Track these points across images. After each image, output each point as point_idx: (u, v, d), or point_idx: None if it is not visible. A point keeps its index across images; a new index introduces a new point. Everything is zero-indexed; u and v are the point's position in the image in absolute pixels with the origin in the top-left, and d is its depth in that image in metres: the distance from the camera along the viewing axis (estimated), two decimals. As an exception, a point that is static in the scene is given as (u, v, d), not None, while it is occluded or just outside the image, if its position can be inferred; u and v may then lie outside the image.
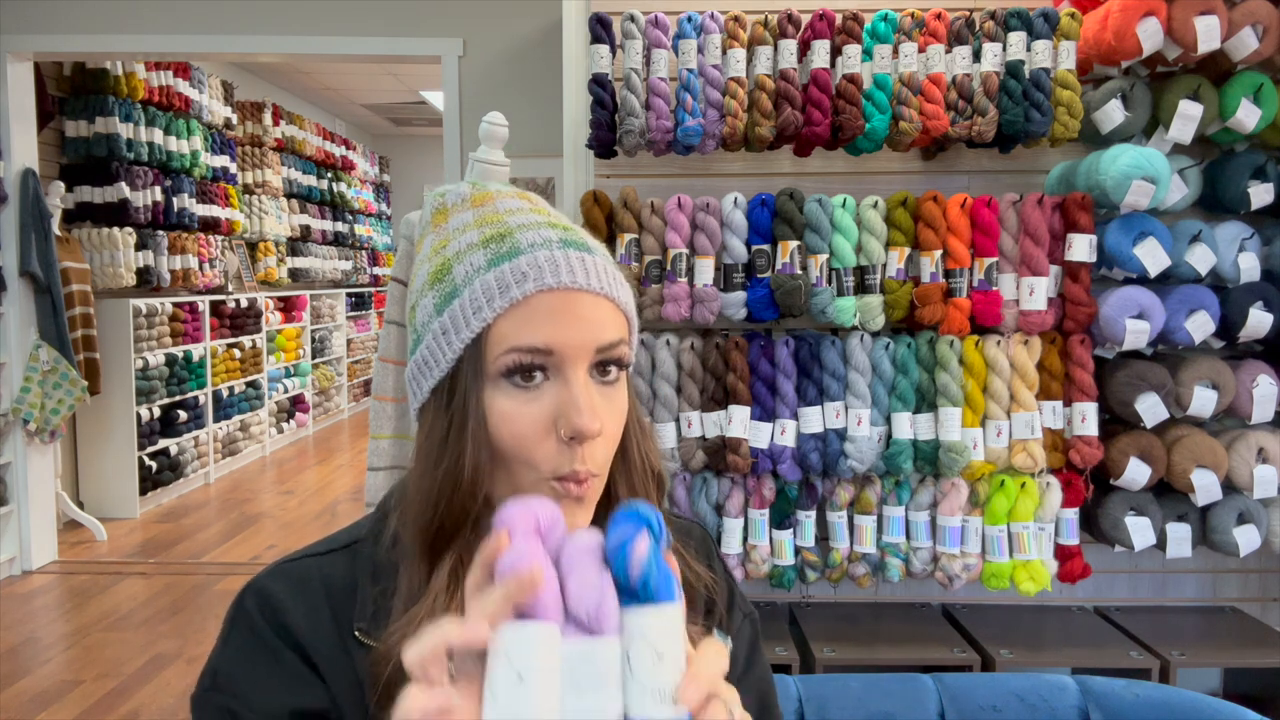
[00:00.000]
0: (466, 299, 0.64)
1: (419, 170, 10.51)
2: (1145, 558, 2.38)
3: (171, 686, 3.06)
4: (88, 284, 4.76)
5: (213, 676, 0.69)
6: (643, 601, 0.50)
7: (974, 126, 2.11)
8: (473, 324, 0.64)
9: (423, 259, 0.70)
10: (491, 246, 0.66)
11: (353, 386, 8.98)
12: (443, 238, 0.69)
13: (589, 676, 0.48)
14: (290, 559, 0.74)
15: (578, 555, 0.51)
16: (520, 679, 0.46)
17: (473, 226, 0.68)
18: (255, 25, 3.86)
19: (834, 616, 2.33)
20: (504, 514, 0.51)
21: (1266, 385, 2.16)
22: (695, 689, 0.48)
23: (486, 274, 0.64)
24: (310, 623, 0.69)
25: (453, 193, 0.72)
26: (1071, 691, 1.35)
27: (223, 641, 0.71)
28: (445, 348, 0.65)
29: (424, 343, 0.67)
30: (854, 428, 2.14)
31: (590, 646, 0.48)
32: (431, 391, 0.67)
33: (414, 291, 0.70)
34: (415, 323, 0.68)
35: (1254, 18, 2.09)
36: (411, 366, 0.68)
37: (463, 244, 0.67)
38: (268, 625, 0.68)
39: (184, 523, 5.10)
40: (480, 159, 2.15)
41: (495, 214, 0.69)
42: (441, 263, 0.67)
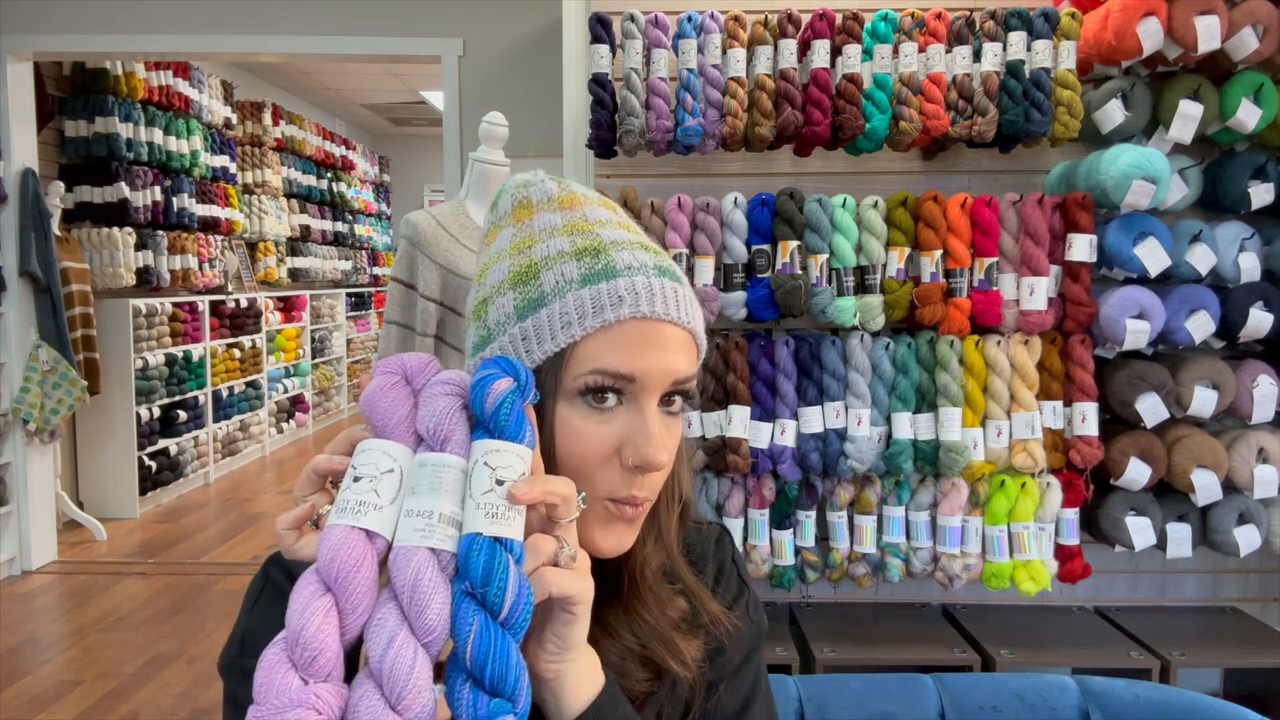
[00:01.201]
0: (556, 311, 0.63)
1: (419, 170, 10.51)
2: (1145, 558, 2.38)
3: (171, 686, 3.05)
4: (87, 284, 4.76)
5: (240, 642, 0.69)
6: (493, 435, 0.56)
7: (974, 126, 2.11)
8: (560, 338, 0.63)
9: (500, 253, 0.68)
10: (585, 260, 0.64)
11: (353, 386, 8.98)
12: (526, 236, 0.68)
13: (425, 481, 0.55)
14: None
15: (433, 387, 0.59)
16: (356, 479, 0.55)
17: (562, 232, 0.66)
18: (255, 25, 3.86)
19: (834, 616, 2.33)
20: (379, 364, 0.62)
21: (1266, 385, 2.16)
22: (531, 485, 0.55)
23: (580, 290, 0.63)
24: None
25: (537, 188, 0.70)
26: (1071, 691, 1.35)
27: (247, 609, 0.72)
28: (524, 354, 0.64)
29: (496, 342, 0.65)
30: (854, 428, 2.14)
31: (429, 458, 0.56)
32: None
33: (485, 285, 0.68)
34: (485, 319, 0.67)
35: (1254, 18, 2.09)
36: (475, 363, 0.67)
37: (552, 250, 0.65)
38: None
39: (184, 523, 5.10)
40: (480, 159, 2.15)
41: (585, 223, 0.67)
42: (527, 264, 0.66)
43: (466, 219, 2.10)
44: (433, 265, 2.00)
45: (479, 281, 0.69)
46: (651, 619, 0.71)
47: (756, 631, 0.82)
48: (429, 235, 2.02)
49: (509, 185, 0.72)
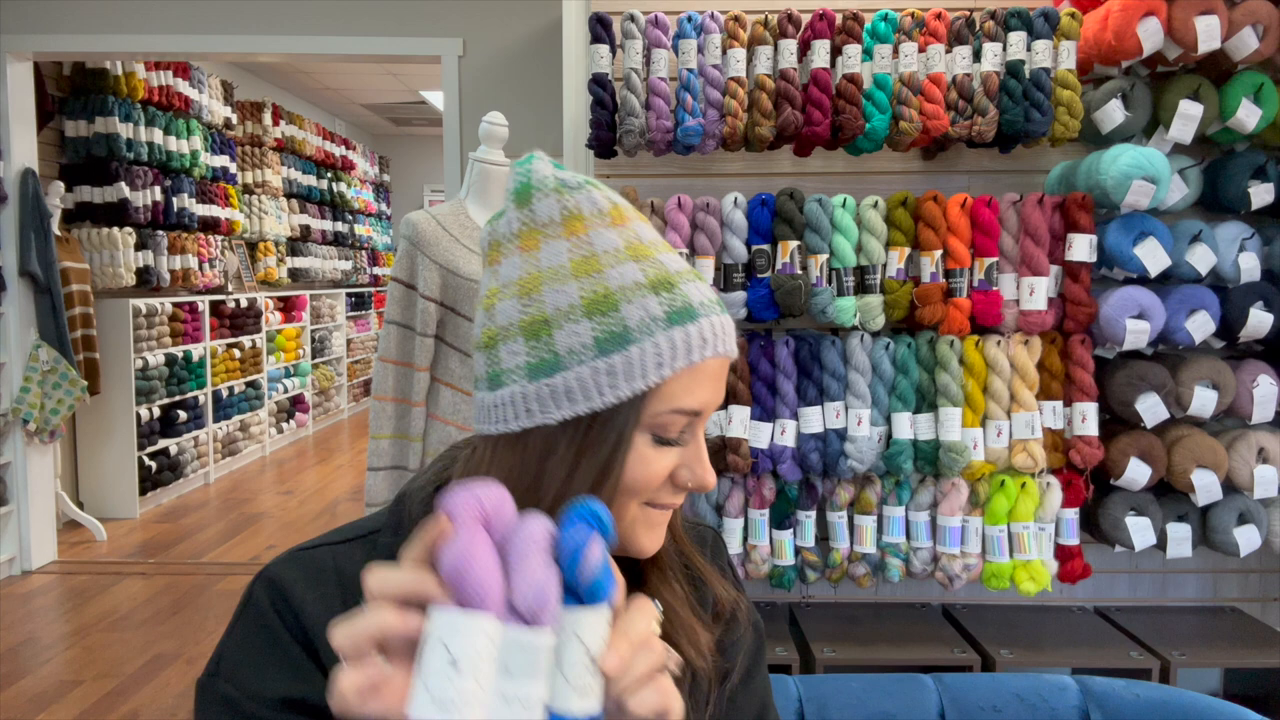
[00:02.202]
0: (648, 350, 0.63)
1: (419, 170, 10.52)
2: (1145, 558, 2.38)
3: (171, 686, 3.05)
4: (87, 284, 4.76)
5: (217, 663, 0.69)
6: (584, 603, 0.52)
7: (974, 126, 2.11)
8: (650, 378, 0.64)
9: (558, 271, 0.65)
10: (663, 296, 0.65)
11: (353, 386, 8.98)
12: (588, 256, 0.65)
13: (521, 664, 0.50)
14: (306, 546, 0.74)
15: (526, 546, 0.51)
16: (453, 665, 0.48)
17: (627, 257, 0.66)
18: (255, 25, 3.86)
19: (834, 616, 2.33)
20: (449, 500, 0.52)
21: (1266, 385, 2.16)
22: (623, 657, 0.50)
23: (669, 330, 0.64)
24: (320, 610, 0.69)
25: (583, 198, 0.67)
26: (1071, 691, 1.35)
27: (230, 629, 0.71)
28: (607, 390, 0.63)
29: (570, 371, 0.63)
30: (854, 428, 2.14)
31: (526, 637, 0.50)
32: (563, 422, 0.65)
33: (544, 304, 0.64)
34: (551, 343, 0.64)
35: (1254, 18, 2.09)
36: (535, 388, 0.64)
37: (626, 280, 0.65)
38: (275, 613, 0.68)
39: (184, 523, 5.10)
40: (480, 159, 2.15)
41: (643, 246, 0.67)
42: (602, 293, 0.64)
43: (467, 219, 2.10)
44: (433, 265, 2.01)
45: (527, 296, 0.65)
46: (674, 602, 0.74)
47: (757, 635, 0.84)
48: (429, 235, 2.02)
49: (542, 184, 0.67)
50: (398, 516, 0.74)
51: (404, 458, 2.06)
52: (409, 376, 2.04)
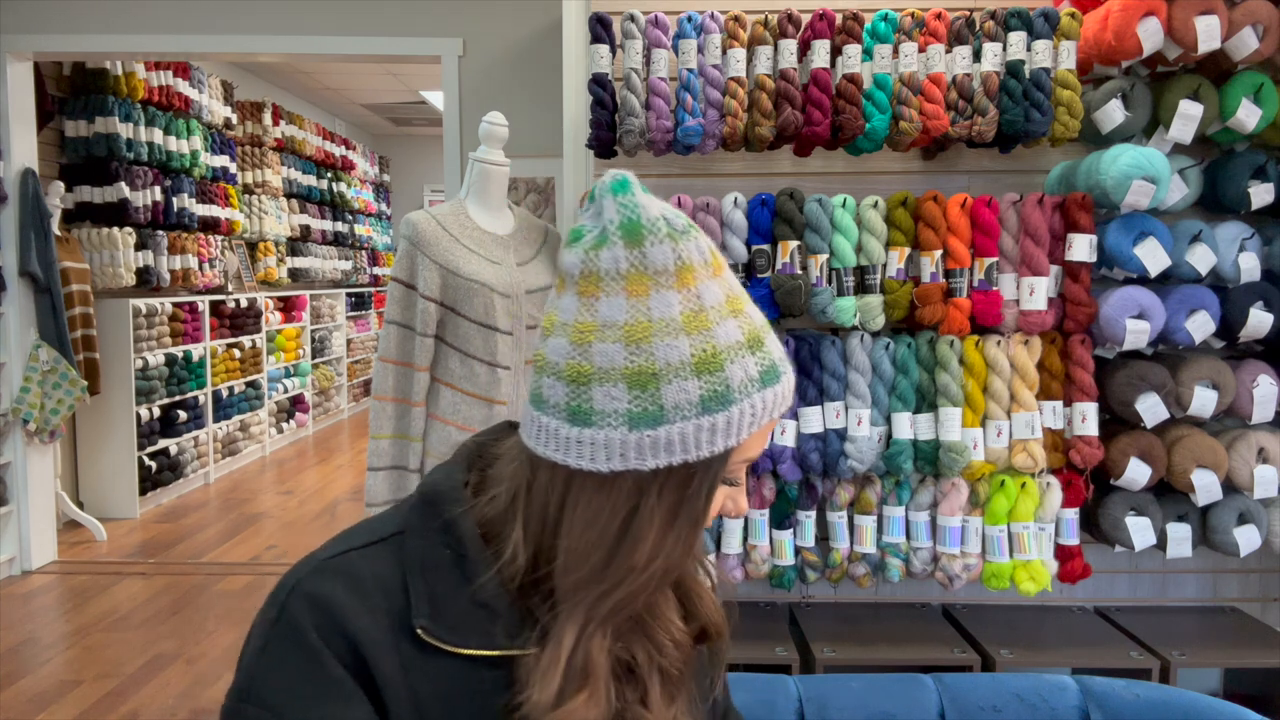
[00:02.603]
0: (747, 411, 0.67)
1: (419, 170, 10.52)
2: (1145, 558, 2.38)
3: (171, 687, 3.05)
4: (87, 284, 4.76)
5: (247, 687, 0.66)
6: None
7: (974, 126, 2.11)
8: (742, 435, 0.68)
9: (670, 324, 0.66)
10: (758, 357, 0.69)
11: (353, 386, 8.98)
12: (697, 311, 0.67)
13: None
14: (331, 554, 0.72)
15: None
16: None
17: (728, 314, 0.68)
18: (255, 25, 3.86)
19: (834, 616, 2.33)
20: None
21: (1266, 385, 2.16)
22: None
23: (762, 391, 0.68)
24: (370, 623, 0.67)
25: (695, 250, 0.68)
26: (1071, 691, 1.35)
27: (260, 649, 0.67)
28: (705, 444, 0.67)
29: (673, 425, 0.65)
30: (854, 428, 2.14)
31: None
32: (656, 469, 0.67)
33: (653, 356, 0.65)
34: (658, 396, 0.65)
35: (1254, 18, 2.09)
36: (637, 437, 0.65)
37: (730, 339, 0.67)
38: (317, 634, 0.66)
39: (184, 523, 5.10)
40: (480, 159, 2.15)
41: (738, 299, 0.70)
42: (711, 352, 0.66)
43: (467, 219, 2.10)
44: (433, 265, 2.00)
45: (636, 344, 0.65)
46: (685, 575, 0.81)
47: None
48: (429, 235, 2.02)
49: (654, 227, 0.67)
50: (424, 518, 0.73)
51: (404, 458, 2.06)
52: (409, 376, 2.04)
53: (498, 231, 2.14)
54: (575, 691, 0.66)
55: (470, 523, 0.72)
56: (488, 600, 0.70)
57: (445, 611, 0.69)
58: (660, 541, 0.68)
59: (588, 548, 0.68)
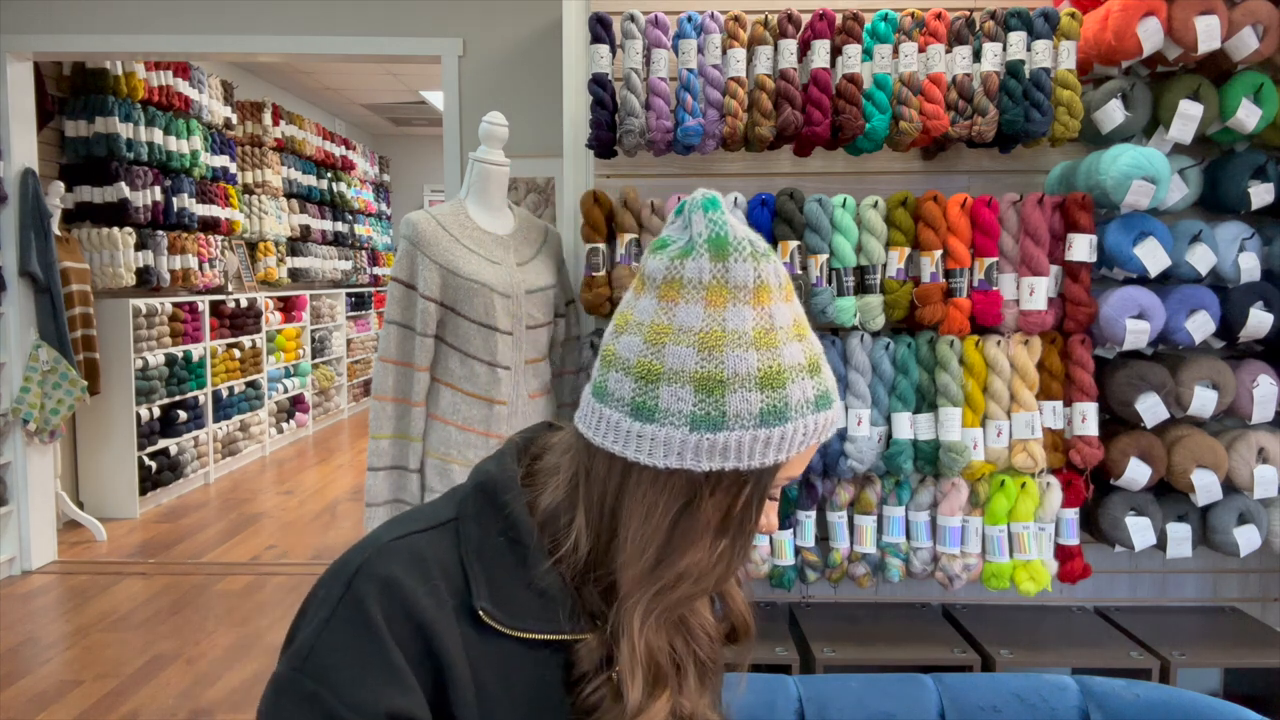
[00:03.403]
0: (800, 429, 0.71)
1: (419, 170, 10.51)
2: (1145, 558, 2.38)
3: (171, 687, 3.05)
4: (87, 284, 4.76)
5: (304, 659, 0.66)
6: None
7: (974, 126, 2.11)
8: (792, 451, 0.71)
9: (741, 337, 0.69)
10: (815, 381, 0.72)
11: (353, 386, 8.98)
12: (768, 329, 0.70)
13: None
14: (395, 536, 0.73)
15: None
16: None
17: (794, 337, 0.72)
18: (255, 25, 3.86)
19: (834, 616, 2.33)
20: None
21: (1266, 385, 2.16)
22: None
23: (816, 414, 0.72)
24: (434, 604, 0.70)
25: (773, 273, 0.72)
26: (1071, 691, 1.35)
27: (322, 623, 0.68)
28: (759, 455, 0.70)
29: (731, 432, 0.69)
30: (854, 428, 2.14)
31: None
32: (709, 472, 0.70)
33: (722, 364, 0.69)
34: (722, 404, 0.69)
35: (1254, 17, 2.09)
36: (695, 439, 0.69)
37: (794, 360, 0.71)
38: (384, 618, 0.67)
39: (184, 523, 5.10)
40: (480, 159, 2.15)
41: (804, 328, 0.74)
42: (775, 368, 0.70)
43: (467, 219, 2.10)
44: (433, 265, 2.00)
45: (707, 352, 0.69)
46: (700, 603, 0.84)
47: None
48: (429, 235, 2.02)
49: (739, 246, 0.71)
50: (480, 504, 0.76)
51: (404, 458, 2.06)
52: (409, 376, 2.04)
53: (498, 231, 2.14)
54: (658, 692, 0.73)
55: (525, 511, 0.75)
56: (545, 587, 0.74)
57: (503, 595, 0.72)
58: (713, 544, 0.71)
59: (644, 541, 0.71)
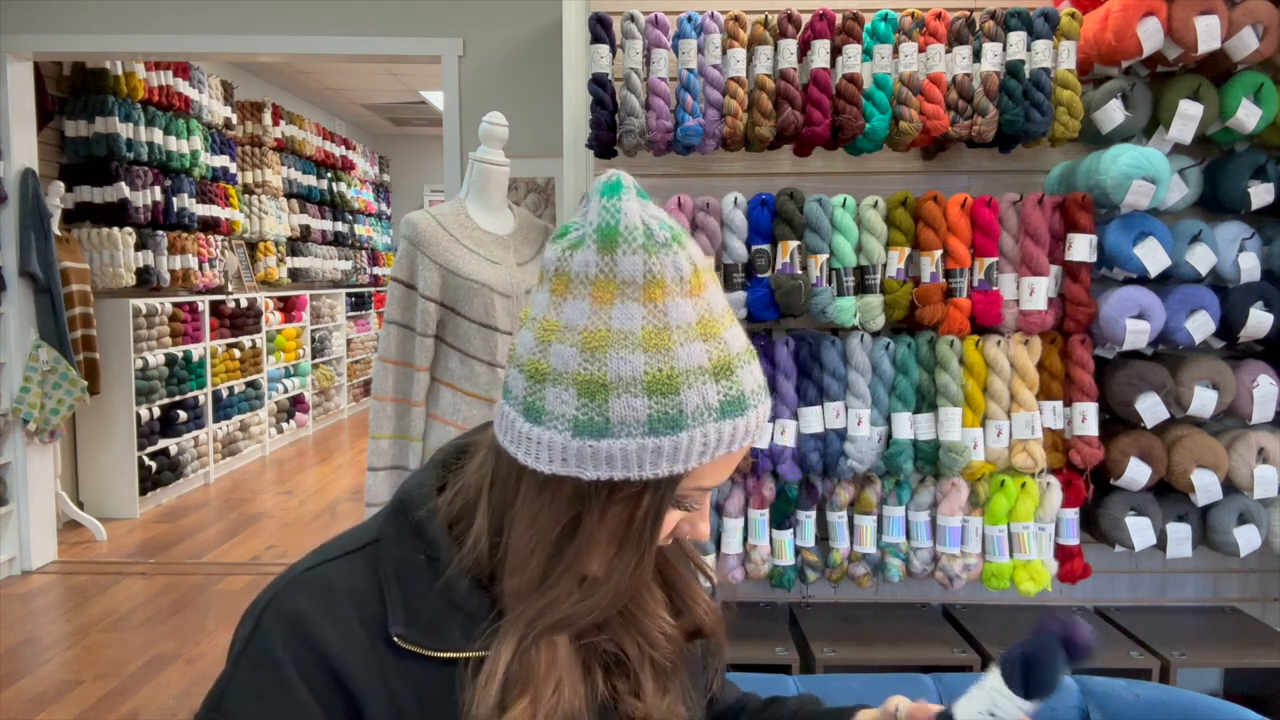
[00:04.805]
0: (696, 438, 0.64)
1: (419, 170, 10.51)
2: (1145, 558, 2.38)
3: (171, 687, 3.05)
4: (87, 284, 4.76)
5: (218, 701, 0.67)
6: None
7: (974, 126, 2.11)
8: (692, 463, 0.65)
9: (628, 337, 0.63)
10: (722, 385, 0.65)
11: (353, 386, 8.98)
12: (661, 329, 0.64)
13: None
14: (307, 567, 0.72)
15: None
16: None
17: (697, 336, 0.65)
18: (255, 25, 3.86)
19: (834, 616, 2.33)
20: None
21: (1266, 385, 2.16)
22: None
23: (720, 422, 0.65)
24: (340, 635, 0.68)
25: (670, 264, 0.65)
26: (1071, 691, 1.35)
27: (234, 663, 0.68)
28: (649, 465, 0.64)
29: (616, 440, 0.63)
30: (854, 428, 2.14)
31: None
32: (597, 481, 0.66)
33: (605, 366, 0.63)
34: (604, 408, 0.63)
35: (1254, 17, 2.09)
36: (579, 445, 0.64)
37: (691, 362, 0.64)
38: (287, 654, 0.66)
39: (184, 523, 5.10)
40: (480, 159, 2.15)
41: (715, 323, 0.66)
42: (667, 373, 0.63)
43: (467, 219, 2.10)
44: (433, 265, 2.01)
45: (591, 351, 0.63)
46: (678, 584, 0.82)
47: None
48: (429, 235, 2.02)
49: (630, 235, 0.64)
50: (398, 525, 0.73)
51: (404, 458, 2.06)
52: (409, 376, 2.04)
53: (498, 231, 2.14)
54: (516, 698, 0.66)
55: (437, 522, 0.72)
56: (461, 601, 0.70)
57: (421, 615, 0.69)
58: (605, 559, 0.68)
59: (528, 550, 0.68)
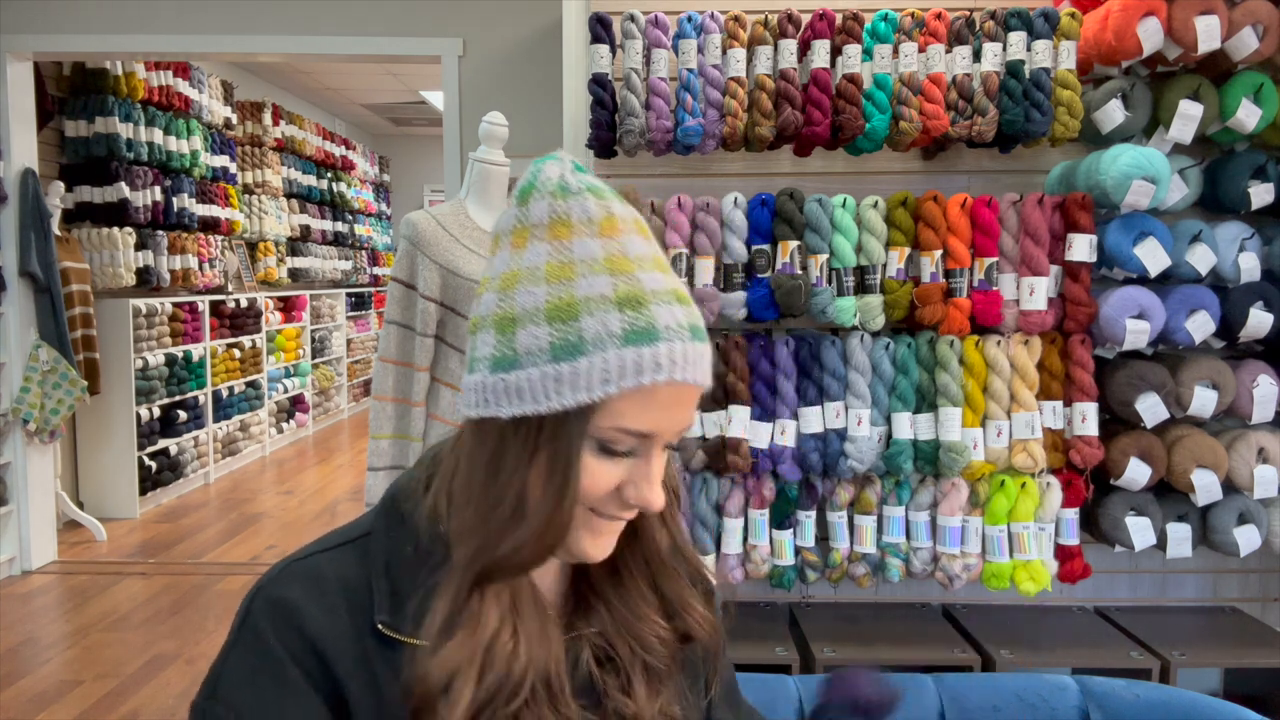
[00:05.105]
0: (596, 364, 0.63)
1: (419, 170, 10.51)
2: (1145, 558, 2.38)
3: (171, 687, 3.05)
4: (87, 284, 4.76)
5: (214, 686, 0.69)
6: None
7: (974, 126, 2.11)
8: (595, 392, 0.64)
9: (533, 272, 0.66)
10: (627, 314, 0.64)
11: (353, 386, 8.98)
12: (565, 263, 0.65)
13: None
14: (299, 557, 0.74)
15: None
16: None
17: (603, 269, 0.65)
18: (255, 25, 3.86)
19: (834, 616, 2.33)
20: None
21: (1266, 385, 2.16)
22: None
23: (622, 349, 0.63)
24: (328, 622, 0.69)
25: (576, 205, 0.66)
26: (1071, 691, 1.36)
27: (228, 649, 0.70)
28: (554, 395, 0.64)
29: (524, 371, 0.64)
30: (854, 428, 2.14)
31: None
32: (514, 419, 0.66)
33: (515, 303, 0.66)
34: (513, 341, 0.65)
35: (1254, 17, 2.09)
36: (494, 381, 0.66)
37: (594, 291, 0.64)
38: (276, 637, 0.68)
39: (184, 523, 5.10)
40: (480, 159, 2.15)
41: (626, 261, 0.66)
42: (568, 300, 0.64)
43: (467, 219, 2.10)
44: (433, 265, 2.01)
45: (504, 291, 0.66)
46: (671, 592, 0.79)
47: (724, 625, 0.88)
48: (429, 235, 2.02)
49: (543, 185, 0.67)
50: (389, 518, 0.74)
51: (404, 458, 2.06)
52: (409, 376, 2.04)
53: (498, 231, 2.14)
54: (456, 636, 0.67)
55: (422, 513, 0.73)
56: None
57: (407, 605, 0.70)
58: (526, 496, 0.66)
59: (465, 497, 0.69)
